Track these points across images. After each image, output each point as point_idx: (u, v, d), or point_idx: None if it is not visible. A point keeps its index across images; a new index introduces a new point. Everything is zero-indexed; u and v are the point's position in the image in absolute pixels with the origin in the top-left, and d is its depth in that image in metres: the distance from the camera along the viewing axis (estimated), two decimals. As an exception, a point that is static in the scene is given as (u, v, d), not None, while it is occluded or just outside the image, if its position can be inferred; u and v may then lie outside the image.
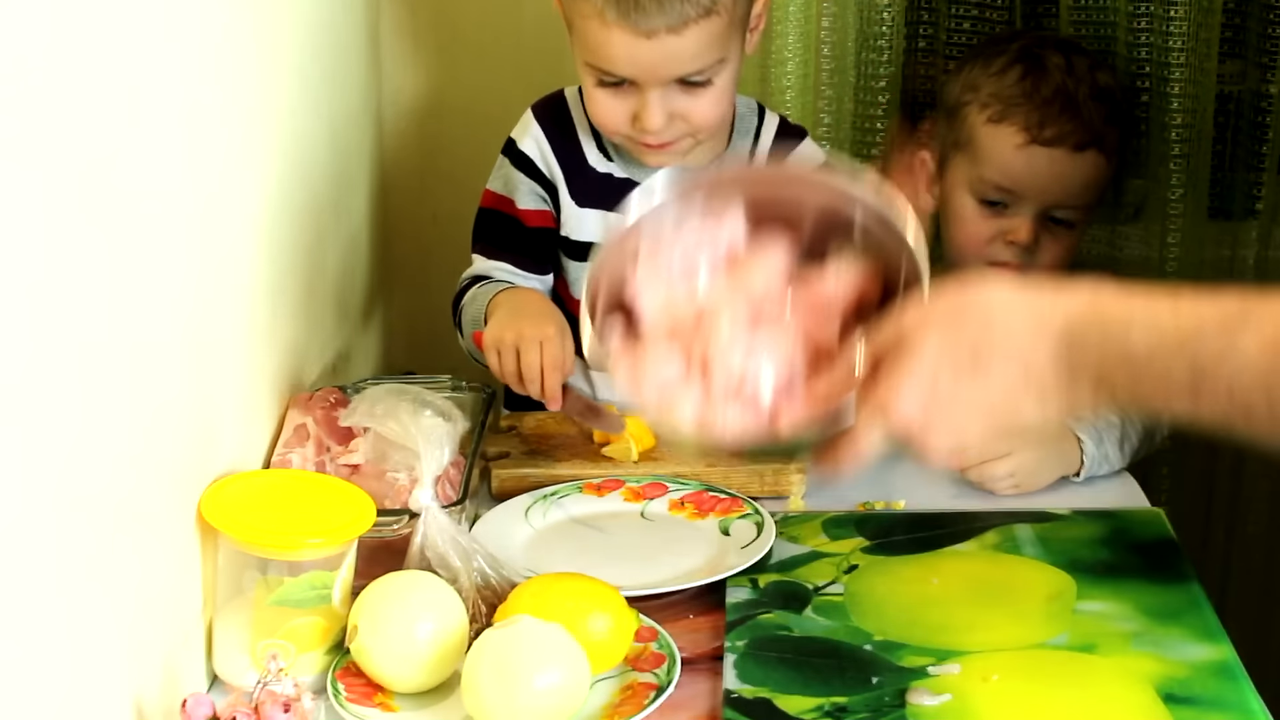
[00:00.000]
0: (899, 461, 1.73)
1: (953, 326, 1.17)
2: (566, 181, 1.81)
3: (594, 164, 1.81)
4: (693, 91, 1.68)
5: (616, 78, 1.68)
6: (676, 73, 1.66)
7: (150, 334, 1.22)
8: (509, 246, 1.83)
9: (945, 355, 1.15)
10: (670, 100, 1.68)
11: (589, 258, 1.79)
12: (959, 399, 1.15)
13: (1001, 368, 1.14)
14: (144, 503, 1.22)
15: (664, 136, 1.71)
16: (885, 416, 1.18)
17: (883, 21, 2.04)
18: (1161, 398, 1.10)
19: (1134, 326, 1.11)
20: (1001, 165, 1.85)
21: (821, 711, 1.28)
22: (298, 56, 1.70)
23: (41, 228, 1.02)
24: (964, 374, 1.15)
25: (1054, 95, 1.84)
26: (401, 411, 1.44)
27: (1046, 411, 1.15)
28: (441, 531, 1.41)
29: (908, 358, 1.16)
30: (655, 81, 1.67)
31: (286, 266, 1.64)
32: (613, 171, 1.81)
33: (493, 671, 1.24)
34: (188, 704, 1.18)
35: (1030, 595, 1.45)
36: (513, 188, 1.83)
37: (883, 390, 1.18)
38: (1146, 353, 1.10)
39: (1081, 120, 1.83)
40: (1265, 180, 2.03)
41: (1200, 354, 1.08)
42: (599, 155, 1.81)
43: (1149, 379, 1.10)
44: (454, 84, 2.15)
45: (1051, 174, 1.84)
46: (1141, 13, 1.98)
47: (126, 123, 1.17)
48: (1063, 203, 1.85)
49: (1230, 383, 1.07)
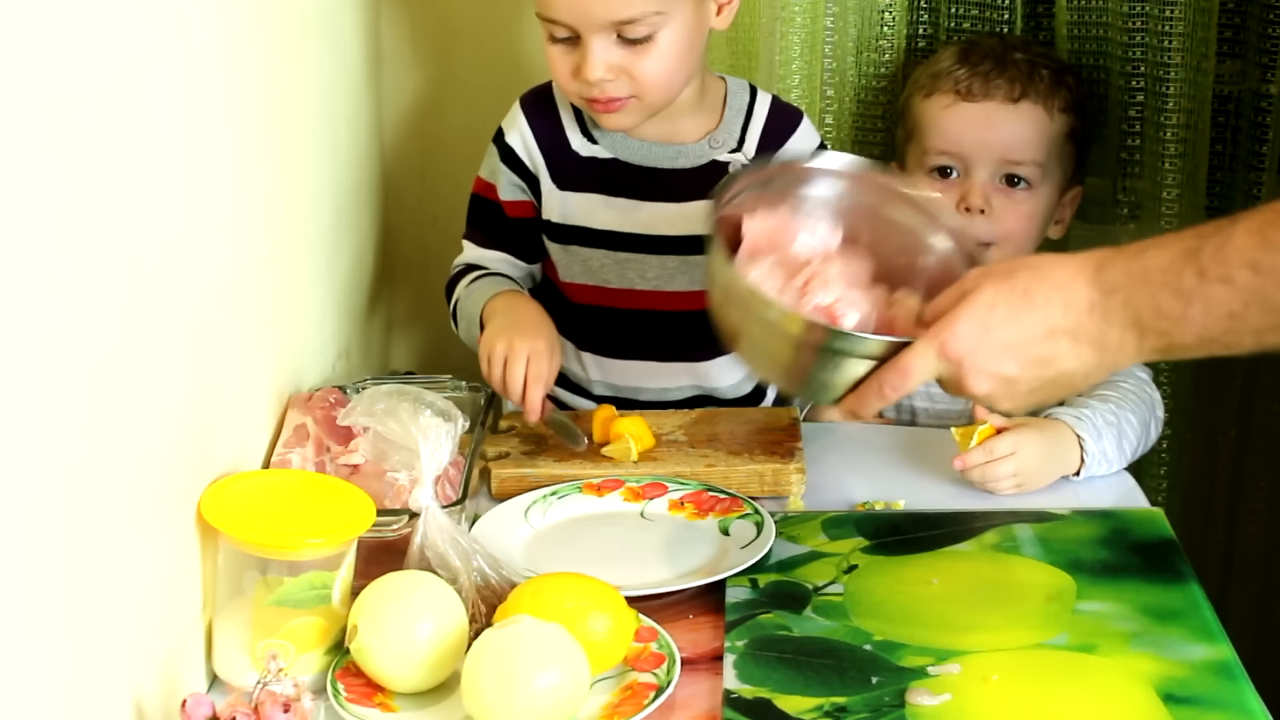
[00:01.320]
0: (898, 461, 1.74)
1: (1006, 275, 1.30)
2: (548, 166, 1.83)
3: (577, 148, 1.83)
4: (634, 48, 1.70)
5: (563, 30, 1.71)
6: (609, 16, 1.68)
7: (150, 334, 1.22)
8: (496, 236, 1.88)
9: (1000, 296, 1.28)
10: (610, 53, 1.70)
11: (570, 240, 1.82)
12: (1007, 336, 1.28)
13: (1045, 300, 1.27)
14: (144, 503, 1.22)
15: (608, 91, 1.73)
16: (940, 347, 1.29)
17: (883, 21, 2.04)
18: (1179, 309, 1.21)
19: (1149, 247, 1.25)
20: (937, 130, 1.90)
21: (821, 711, 1.28)
22: (298, 57, 1.70)
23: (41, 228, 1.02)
24: (1014, 313, 1.28)
25: (981, 59, 1.90)
26: (401, 411, 1.44)
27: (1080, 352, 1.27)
28: (441, 531, 1.41)
29: (966, 300, 1.30)
30: (591, 27, 1.69)
31: (286, 266, 1.64)
32: (596, 154, 1.83)
33: (493, 671, 1.24)
34: (188, 704, 1.18)
35: (1030, 595, 1.45)
36: (496, 178, 1.86)
37: (940, 324, 1.30)
38: (1160, 265, 1.23)
39: (1009, 75, 1.88)
40: (1265, 180, 2.03)
41: (1201, 254, 1.21)
42: (582, 139, 1.83)
43: (1165, 292, 1.22)
44: (454, 84, 2.15)
45: (985, 127, 1.88)
46: (1138, 13, 1.98)
47: (127, 123, 1.17)
48: (1007, 157, 1.87)
49: (1227, 271, 1.19)
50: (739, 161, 1.80)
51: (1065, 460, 1.66)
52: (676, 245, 1.83)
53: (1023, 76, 1.88)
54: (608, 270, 1.84)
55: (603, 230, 1.83)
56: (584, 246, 1.84)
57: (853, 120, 2.08)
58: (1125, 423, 1.69)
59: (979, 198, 1.87)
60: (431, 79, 2.15)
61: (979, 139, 1.87)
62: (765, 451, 1.69)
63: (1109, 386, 1.75)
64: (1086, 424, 1.66)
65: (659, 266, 1.84)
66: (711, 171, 1.81)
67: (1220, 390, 2.11)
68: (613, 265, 1.84)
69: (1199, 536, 2.11)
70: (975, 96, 1.88)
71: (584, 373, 1.90)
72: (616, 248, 1.84)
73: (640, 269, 1.84)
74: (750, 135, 1.82)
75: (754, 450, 1.69)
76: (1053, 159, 1.90)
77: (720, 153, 1.82)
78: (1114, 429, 1.68)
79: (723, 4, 1.77)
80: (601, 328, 1.87)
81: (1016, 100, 1.87)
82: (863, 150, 2.09)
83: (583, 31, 1.70)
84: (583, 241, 1.84)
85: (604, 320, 1.87)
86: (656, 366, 1.88)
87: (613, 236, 1.83)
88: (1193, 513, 2.12)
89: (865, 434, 1.83)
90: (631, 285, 1.84)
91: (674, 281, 1.84)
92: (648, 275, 1.84)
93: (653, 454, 1.71)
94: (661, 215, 1.82)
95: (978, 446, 1.63)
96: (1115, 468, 1.69)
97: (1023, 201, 1.89)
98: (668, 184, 1.82)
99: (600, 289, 1.85)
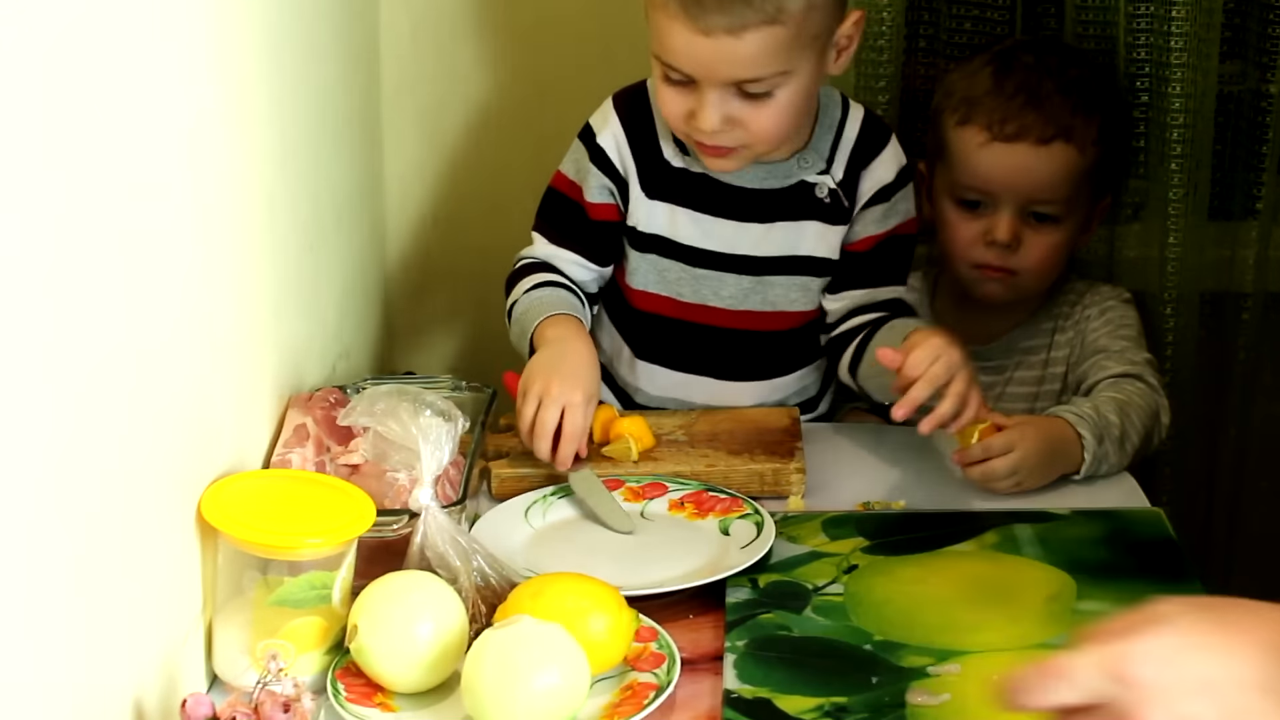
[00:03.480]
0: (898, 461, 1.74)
1: (1205, 605, 1.06)
2: (639, 173, 1.79)
3: (669, 157, 1.79)
4: (752, 101, 1.66)
5: (679, 73, 1.67)
6: (733, 76, 1.64)
7: (150, 334, 1.22)
8: (571, 235, 1.82)
9: (1194, 625, 1.03)
10: (728, 104, 1.66)
11: (650, 249, 1.80)
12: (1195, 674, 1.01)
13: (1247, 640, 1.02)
14: (144, 503, 1.22)
15: (719, 140, 1.69)
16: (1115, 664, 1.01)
17: (883, 21, 2.04)
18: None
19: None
20: (969, 166, 1.88)
21: (821, 711, 1.28)
22: (298, 57, 1.70)
23: (41, 229, 1.02)
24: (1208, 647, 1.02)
25: (1016, 91, 1.86)
26: (401, 411, 1.44)
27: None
28: (441, 531, 1.41)
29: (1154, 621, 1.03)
30: (712, 81, 1.65)
31: (286, 267, 1.64)
32: (688, 167, 1.79)
33: (493, 671, 1.24)
34: (188, 704, 1.18)
35: (1030, 595, 1.45)
36: (584, 177, 1.81)
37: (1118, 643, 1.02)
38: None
39: (1044, 114, 1.85)
40: (1265, 180, 2.03)
41: None
42: (674, 149, 1.79)
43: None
44: (454, 84, 2.15)
45: (1017, 169, 1.86)
46: (1142, 13, 1.98)
47: (127, 124, 1.17)
48: (1035, 198, 1.86)
49: None
50: (827, 184, 1.77)
51: (1066, 459, 1.66)
52: (755, 265, 1.79)
53: (1056, 113, 1.85)
54: (683, 284, 1.81)
55: (684, 244, 1.80)
56: (663, 257, 1.81)
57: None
58: (1129, 425, 1.69)
59: (1005, 234, 1.87)
60: (431, 79, 2.15)
61: (1008, 181, 1.86)
62: (765, 451, 1.69)
63: (1115, 389, 1.75)
64: (1088, 424, 1.66)
65: (735, 285, 1.80)
66: (799, 192, 1.78)
67: (1220, 390, 2.12)
68: (688, 279, 1.81)
69: (1199, 536, 2.11)
70: (1009, 137, 1.85)
71: (634, 380, 1.87)
72: (695, 263, 1.80)
73: (716, 286, 1.81)
74: (839, 155, 1.78)
75: (754, 450, 1.69)
76: (1082, 190, 1.88)
77: (809, 173, 1.77)
78: (1116, 430, 1.68)
79: (843, 49, 1.71)
80: (666, 339, 1.84)
81: (1049, 141, 1.85)
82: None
83: (702, 82, 1.66)
84: (662, 251, 1.81)
85: (670, 332, 1.83)
86: (716, 384, 1.84)
87: (693, 251, 1.80)
88: (1193, 513, 2.12)
89: (865, 434, 1.83)
90: (704, 301, 1.81)
91: (747, 301, 1.81)
92: (722, 293, 1.81)
93: (653, 454, 1.71)
94: (744, 234, 1.79)
95: (977, 444, 1.63)
96: (1116, 469, 1.69)
97: (1049, 234, 1.88)
98: (754, 203, 1.78)
99: (672, 301, 1.82)
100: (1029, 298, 1.94)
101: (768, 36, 1.62)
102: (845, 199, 1.78)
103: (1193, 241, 2.03)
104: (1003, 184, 1.86)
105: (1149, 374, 1.80)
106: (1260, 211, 2.05)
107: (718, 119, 1.66)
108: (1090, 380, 1.81)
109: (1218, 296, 2.10)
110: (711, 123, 1.66)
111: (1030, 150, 1.85)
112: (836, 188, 1.77)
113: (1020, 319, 1.95)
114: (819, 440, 1.77)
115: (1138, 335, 1.89)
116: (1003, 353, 1.95)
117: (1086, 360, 1.86)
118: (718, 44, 1.62)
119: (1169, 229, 2.02)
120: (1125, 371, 1.80)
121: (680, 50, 1.64)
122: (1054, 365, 1.93)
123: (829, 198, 1.77)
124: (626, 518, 1.59)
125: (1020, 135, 1.85)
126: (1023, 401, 1.93)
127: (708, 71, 1.64)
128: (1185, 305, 2.05)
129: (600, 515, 1.59)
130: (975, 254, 1.90)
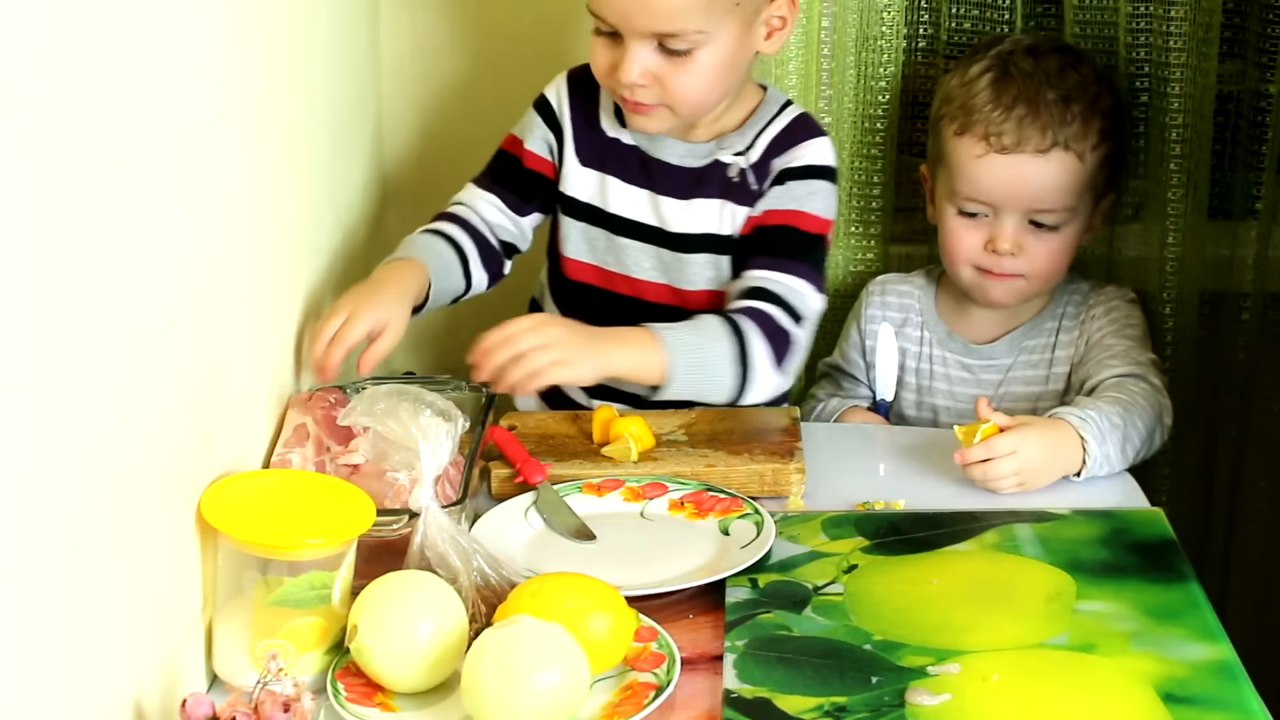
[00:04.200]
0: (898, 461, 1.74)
1: None
2: (574, 138, 1.85)
3: (605, 127, 1.85)
4: (673, 59, 1.71)
5: (605, 24, 1.72)
6: (651, 28, 1.69)
7: (150, 334, 1.22)
8: (500, 179, 1.89)
9: None
10: (649, 59, 1.71)
11: (580, 216, 1.84)
12: None
13: None
14: (144, 503, 1.22)
15: (639, 96, 1.74)
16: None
17: (883, 22, 2.04)
18: None
19: None
20: (968, 178, 1.88)
21: (821, 711, 1.28)
22: (298, 57, 1.70)
23: (41, 229, 1.02)
24: None
25: (1014, 101, 1.85)
26: (401, 411, 1.44)
27: None
28: (441, 531, 1.41)
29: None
30: (633, 32, 1.70)
31: (287, 267, 1.64)
32: (620, 137, 1.84)
33: (493, 671, 1.24)
34: (188, 704, 1.18)
35: (1030, 595, 1.45)
36: (526, 129, 1.88)
37: None
38: None
39: (1042, 124, 1.84)
40: (1265, 180, 2.03)
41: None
42: (612, 121, 1.85)
43: None
44: (454, 84, 2.15)
45: (1016, 180, 1.85)
46: (1141, 13, 1.98)
47: (126, 124, 1.17)
48: (1035, 207, 1.86)
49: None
50: (739, 165, 1.80)
51: (1067, 460, 1.66)
52: (672, 241, 1.83)
53: (1055, 123, 1.85)
54: (609, 253, 1.86)
55: (611, 213, 1.85)
56: (591, 225, 1.86)
57: (853, 119, 2.08)
58: (1131, 427, 1.69)
59: (1008, 242, 1.87)
60: (431, 79, 2.15)
61: (1008, 191, 1.86)
62: (765, 451, 1.69)
63: (1119, 389, 1.75)
64: (1091, 426, 1.66)
65: (655, 258, 1.84)
66: (713, 170, 1.81)
67: (1220, 390, 2.12)
68: (614, 249, 1.85)
69: (1199, 536, 2.11)
70: (1006, 149, 1.85)
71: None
72: (620, 232, 1.85)
73: (638, 258, 1.85)
74: (760, 142, 1.81)
75: (754, 450, 1.69)
76: (1084, 195, 1.88)
77: (726, 154, 1.81)
78: (1119, 432, 1.68)
79: (774, 29, 1.76)
80: (597, 310, 1.86)
81: (1047, 150, 1.84)
82: (862, 149, 2.09)
83: (625, 34, 1.71)
84: (591, 220, 1.86)
85: (600, 302, 1.87)
86: None
87: (618, 221, 1.84)
88: (1193, 513, 2.12)
89: (865, 434, 1.83)
90: (629, 272, 1.86)
91: (667, 275, 1.84)
92: (644, 265, 1.85)
93: (653, 454, 1.71)
94: (664, 208, 1.83)
95: (980, 444, 1.63)
96: (1117, 470, 1.69)
97: (1051, 240, 1.88)
98: (674, 178, 1.83)
99: (600, 270, 1.87)
100: (1039, 297, 1.94)
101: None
102: (755, 181, 1.80)
103: (1192, 241, 2.03)
104: (1002, 195, 1.86)
105: (1153, 374, 1.80)
106: (1260, 211, 2.05)
107: (637, 71, 1.71)
108: (1094, 379, 1.81)
109: (1217, 296, 2.10)
110: (630, 74, 1.71)
111: (1029, 161, 1.85)
112: (748, 168, 1.80)
113: (1023, 318, 1.95)
114: (819, 440, 1.76)
115: (1142, 335, 1.89)
116: (1005, 351, 1.95)
117: (1091, 359, 1.86)
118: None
119: (1168, 229, 2.02)
120: (1130, 371, 1.80)
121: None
122: (1058, 365, 1.93)
123: (738, 176, 1.80)
124: (585, 528, 1.58)
125: (1018, 146, 1.85)
126: (1025, 401, 1.93)
127: (628, 22, 1.70)
128: (1184, 305, 2.05)
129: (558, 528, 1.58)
130: (979, 260, 1.90)
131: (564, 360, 1.63)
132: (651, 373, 1.67)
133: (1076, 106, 1.86)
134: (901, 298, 2.01)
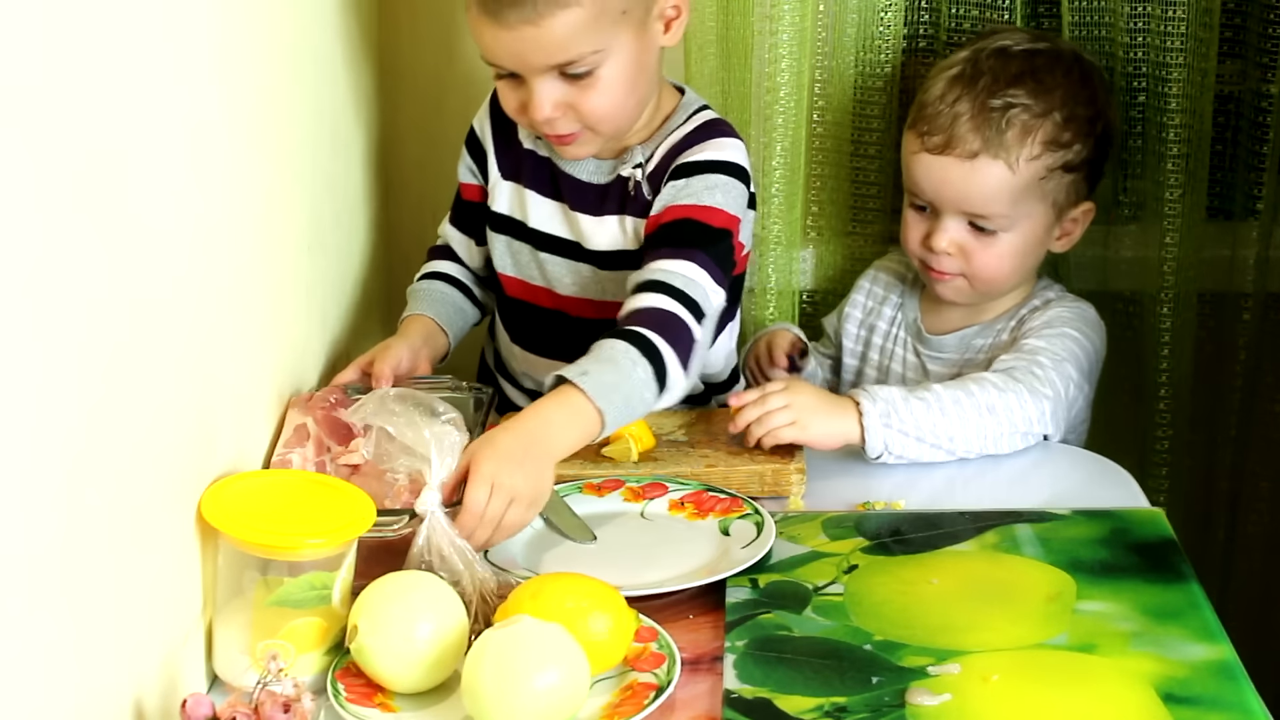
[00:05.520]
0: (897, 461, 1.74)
1: None
2: (496, 153, 1.85)
3: (522, 139, 1.83)
4: (577, 82, 1.66)
5: (501, 68, 1.69)
6: (546, 62, 1.65)
7: (150, 334, 1.22)
8: (455, 218, 1.92)
9: None
10: (555, 91, 1.67)
11: (504, 231, 1.85)
12: None
13: None
14: (144, 503, 1.22)
15: (557, 128, 1.70)
16: None
17: (882, 22, 2.04)
18: None
19: None
20: (908, 171, 1.89)
21: (821, 711, 1.28)
22: (298, 57, 1.70)
23: (41, 229, 1.02)
24: None
25: (955, 102, 1.83)
26: (416, 416, 1.43)
27: None
28: (443, 533, 1.41)
29: None
30: (530, 71, 1.66)
31: (286, 267, 1.64)
32: (535, 150, 1.82)
33: (493, 671, 1.24)
34: (188, 704, 1.18)
35: (1030, 595, 1.45)
36: (460, 162, 1.89)
37: None
38: None
39: (973, 128, 1.81)
40: (1265, 180, 2.03)
41: None
42: (529, 133, 1.82)
43: None
44: (454, 82, 2.15)
45: (942, 182, 1.84)
46: (1140, 13, 1.98)
47: (127, 124, 1.17)
48: (964, 210, 1.84)
49: None
50: (635, 176, 1.75)
51: (844, 415, 1.68)
52: (589, 256, 1.80)
53: (987, 129, 1.81)
54: (532, 267, 1.84)
55: (531, 227, 1.82)
56: (514, 239, 1.84)
57: (851, 119, 2.08)
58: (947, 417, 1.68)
59: (942, 240, 1.85)
60: (431, 79, 2.15)
61: (937, 191, 1.84)
62: (765, 452, 1.69)
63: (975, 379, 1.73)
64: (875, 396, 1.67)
65: (575, 273, 1.81)
66: (617, 185, 1.77)
67: (1220, 390, 2.12)
68: (536, 263, 1.84)
69: (1199, 536, 2.11)
70: (934, 149, 1.83)
71: (516, 366, 1.91)
72: (540, 246, 1.82)
73: (559, 272, 1.82)
74: (661, 149, 1.76)
75: (754, 450, 1.69)
76: (1026, 202, 1.83)
77: (626, 167, 1.77)
78: (914, 418, 1.67)
79: (670, 19, 1.71)
80: (529, 324, 1.87)
81: (973, 157, 1.81)
82: (861, 148, 2.09)
83: (524, 73, 1.67)
84: (513, 234, 1.84)
85: (532, 317, 1.86)
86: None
87: (537, 235, 1.82)
88: (1193, 513, 2.12)
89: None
90: (552, 286, 1.83)
91: (588, 290, 1.81)
92: (565, 280, 1.82)
93: (653, 454, 1.71)
94: (578, 223, 1.79)
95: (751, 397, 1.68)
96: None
97: (992, 244, 1.84)
98: (585, 194, 1.79)
99: (526, 284, 1.85)
100: (989, 299, 1.92)
101: (566, 19, 1.62)
102: (649, 191, 1.75)
103: (1191, 241, 2.03)
104: (933, 193, 1.85)
105: (1032, 366, 1.75)
106: (1260, 211, 2.05)
107: (548, 106, 1.67)
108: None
109: (1217, 296, 2.10)
110: (543, 111, 1.67)
111: (956, 164, 1.82)
112: (643, 180, 1.76)
113: (982, 318, 1.93)
114: (819, 440, 1.76)
115: (1069, 349, 1.81)
116: (954, 347, 1.93)
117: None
118: (520, 35, 1.62)
119: (1166, 229, 2.02)
120: (1009, 366, 1.76)
121: (490, 47, 1.66)
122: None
123: (634, 190, 1.76)
124: (585, 528, 1.58)
125: (945, 148, 1.82)
126: None
127: (521, 62, 1.66)
128: (1184, 305, 2.05)
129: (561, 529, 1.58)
130: (922, 255, 1.89)
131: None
132: (590, 432, 1.56)
133: (1018, 116, 1.81)
134: (892, 277, 2.01)
